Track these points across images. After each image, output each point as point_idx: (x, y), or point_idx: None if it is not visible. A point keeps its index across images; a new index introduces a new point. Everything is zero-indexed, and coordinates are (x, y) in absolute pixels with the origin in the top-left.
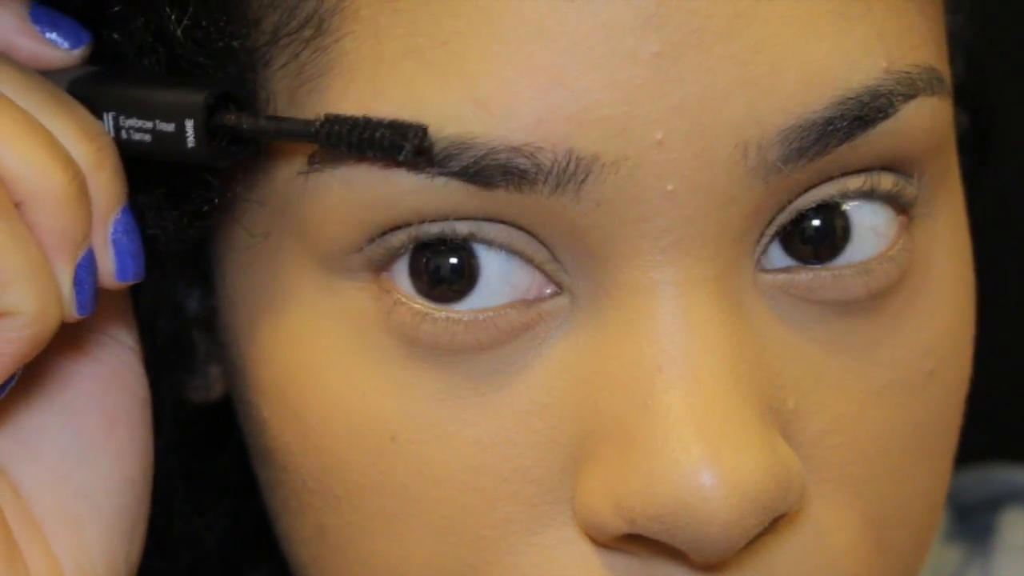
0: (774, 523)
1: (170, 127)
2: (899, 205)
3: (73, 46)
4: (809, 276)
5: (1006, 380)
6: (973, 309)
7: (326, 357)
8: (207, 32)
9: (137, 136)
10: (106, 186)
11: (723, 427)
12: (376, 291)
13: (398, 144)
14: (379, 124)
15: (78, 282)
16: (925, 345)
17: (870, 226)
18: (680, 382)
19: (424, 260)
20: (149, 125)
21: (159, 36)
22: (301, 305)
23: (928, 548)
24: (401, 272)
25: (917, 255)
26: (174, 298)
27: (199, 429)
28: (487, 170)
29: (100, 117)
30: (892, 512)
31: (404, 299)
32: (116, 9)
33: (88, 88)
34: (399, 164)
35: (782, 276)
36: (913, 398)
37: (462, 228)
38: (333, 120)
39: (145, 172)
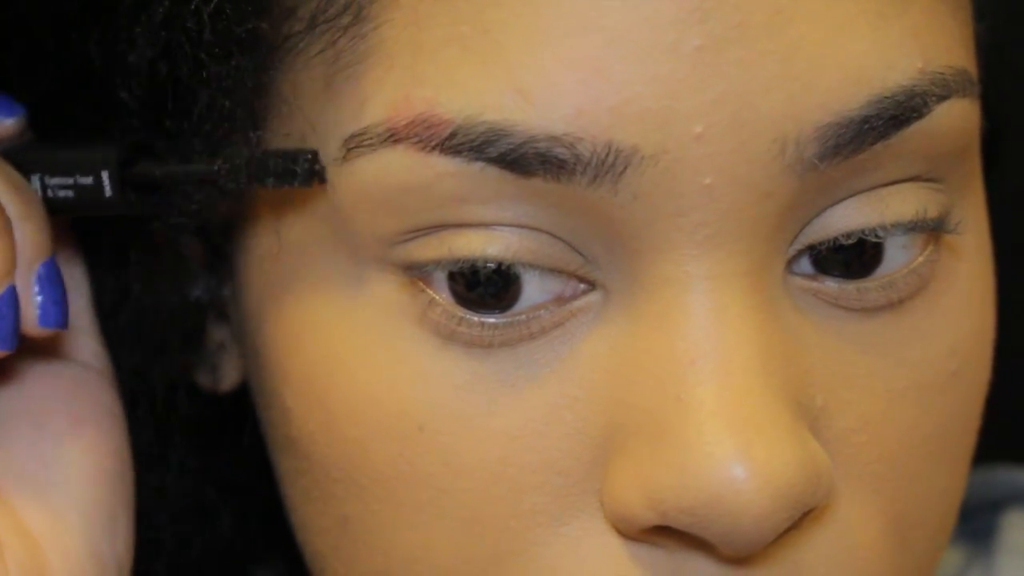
0: (801, 518)
1: (88, 180)
2: (933, 223)
3: (5, 117)
4: (835, 287)
5: (1009, 381)
6: (994, 309)
7: (354, 346)
8: (229, 20)
9: (62, 193)
10: (31, 236)
11: (755, 421)
12: (410, 287)
13: (290, 170)
14: (273, 154)
15: None
16: (949, 346)
17: (900, 244)
18: (713, 376)
19: (461, 269)
20: (71, 181)
21: (177, 29)
22: (330, 294)
23: (944, 548)
24: (439, 275)
25: (942, 261)
26: (185, 286)
27: (206, 425)
28: (525, 158)
29: (28, 179)
30: (912, 511)
31: (440, 301)
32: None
33: (19, 155)
34: (297, 187)
35: (809, 282)
36: (936, 398)
37: (494, 252)
38: (231, 156)
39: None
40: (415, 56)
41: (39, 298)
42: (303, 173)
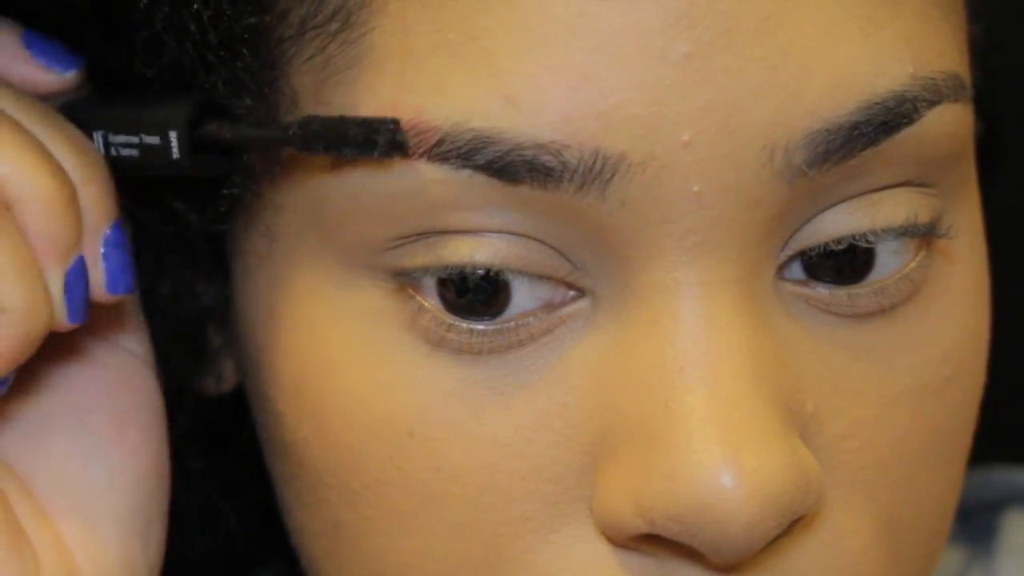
0: (791, 526)
1: (155, 140)
2: (924, 228)
3: (65, 70)
4: (826, 293)
5: (1007, 381)
6: (988, 313)
7: (345, 352)
8: (228, 20)
9: (126, 152)
10: (96, 199)
11: (744, 429)
12: (399, 294)
13: (371, 139)
14: (352, 122)
15: (68, 288)
16: (943, 351)
17: (892, 249)
18: (702, 383)
19: (450, 275)
20: (136, 140)
21: (179, 29)
22: (321, 299)
23: (939, 553)
24: (428, 282)
25: (935, 266)
26: (193, 290)
27: (206, 427)
28: (512, 166)
29: (90, 136)
30: (906, 517)
31: (429, 308)
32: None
33: (79, 110)
34: (378, 159)
35: (801, 288)
36: (930, 404)
37: (482, 258)
38: (308, 122)
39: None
40: (403, 63)
41: (106, 263)
42: (384, 144)
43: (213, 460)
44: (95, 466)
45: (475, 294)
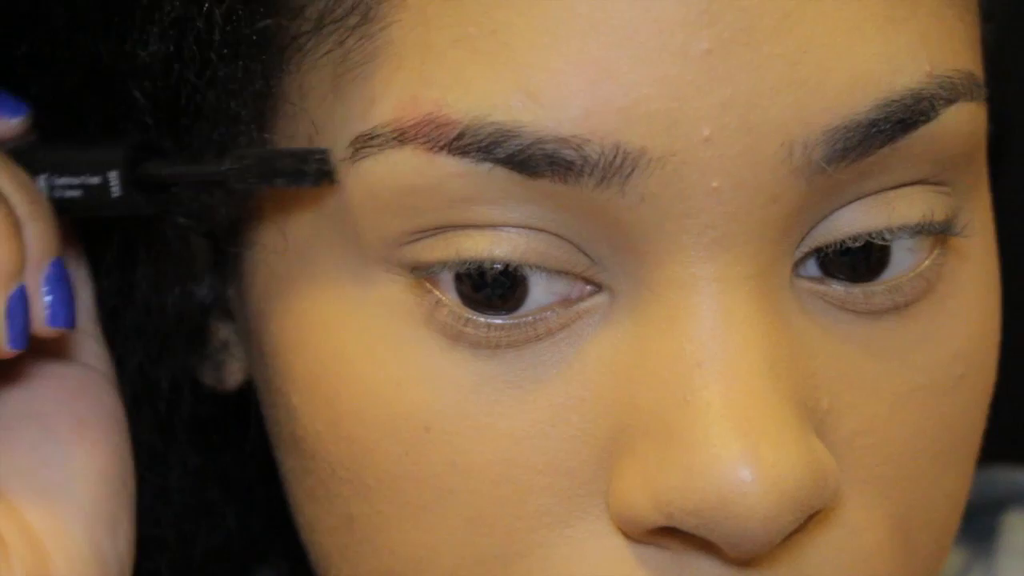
0: (806, 521)
1: (96, 180)
2: (939, 226)
3: (11, 117)
4: (842, 290)
5: (1008, 381)
6: (1000, 312)
7: (361, 346)
8: (239, 21)
9: (69, 193)
10: (39, 237)
11: (762, 423)
12: (416, 288)
13: (301, 170)
14: (283, 154)
15: (9, 314)
16: (955, 349)
17: (907, 247)
18: (719, 378)
19: (468, 270)
20: (78, 181)
21: (187, 29)
22: (337, 293)
23: (948, 550)
24: (446, 276)
25: (948, 264)
26: (185, 283)
27: (209, 424)
28: (533, 159)
29: (34, 179)
30: (917, 514)
31: (446, 302)
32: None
33: (24, 155)
34: (308, 188)
35: (816, 285)
36: (942, 402)
37: (501, 253)
38: (240, 157)
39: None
40: (423, 57)
41: (48, 298)
42: (313, 173)
43: (214, 457)
44: (58, 464)
45: (493, 289)
